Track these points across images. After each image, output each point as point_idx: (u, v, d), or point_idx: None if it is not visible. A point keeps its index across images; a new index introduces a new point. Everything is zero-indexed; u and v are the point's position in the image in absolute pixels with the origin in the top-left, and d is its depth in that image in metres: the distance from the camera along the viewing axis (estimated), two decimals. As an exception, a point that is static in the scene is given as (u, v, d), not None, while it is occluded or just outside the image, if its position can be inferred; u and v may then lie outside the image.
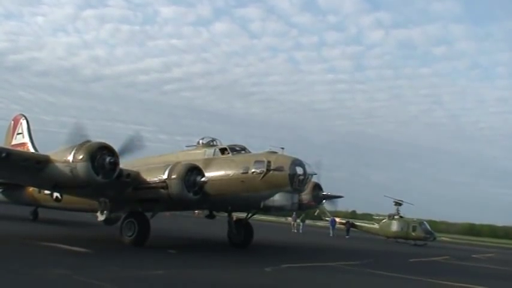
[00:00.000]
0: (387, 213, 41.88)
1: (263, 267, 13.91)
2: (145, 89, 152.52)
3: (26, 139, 25.43)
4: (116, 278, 10.19)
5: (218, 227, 22.32)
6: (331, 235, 41.01)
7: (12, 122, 26.74)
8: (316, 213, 42.62)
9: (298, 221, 43.00)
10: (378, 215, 43.46)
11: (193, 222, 37.69)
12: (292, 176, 16.59)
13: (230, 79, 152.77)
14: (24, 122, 26.07)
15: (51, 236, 17.55)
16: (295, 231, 41.77)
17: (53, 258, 12.42)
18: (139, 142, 16.31)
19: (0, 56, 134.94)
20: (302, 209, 23.57)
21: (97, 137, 15.41)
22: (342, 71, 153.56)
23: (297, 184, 16.74)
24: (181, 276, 11.55)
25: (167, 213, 30.50)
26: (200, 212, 27.26)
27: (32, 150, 24.02)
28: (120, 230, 16.90)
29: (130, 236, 16.53)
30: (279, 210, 18.70)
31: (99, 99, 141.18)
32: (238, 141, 19.13)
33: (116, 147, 15.33)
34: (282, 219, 60.54)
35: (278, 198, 16.76)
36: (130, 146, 15.91)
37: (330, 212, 45.65)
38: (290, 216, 45.74)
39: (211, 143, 19.05)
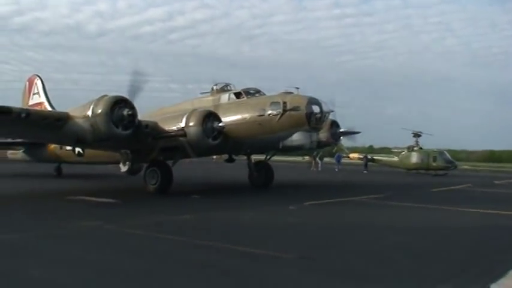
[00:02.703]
0: (404, 146, 41.76)
1: (287, 206, 14.18)
2: (151, 40, 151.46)
3: (43, 98, 25.59)
4: (146, 224, 10.47)
5: (238, 170, 22.59)
6: (336, 170, 41.58)
7: (27, 82, 26.86)
8: (334, 151, 42.67)
9: (317, 159, 43.21)
10: (396, 148, 43.19)
11: (213, 167, 38.09)
12: (309, 114, 16.67)
13: (234, 23, 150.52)
14: (39, 82, 26.17)
15: (77, 190, 17.90)
16: (314, 169, 42.04)
17: (83, 211, 12.77)
18: (142, 77, 15.76)
19: (5, 20, 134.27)
20: (320, 147, 23.68)
21: (110, 92, 15.42)
22: (348, 4, 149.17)
23: (314, 122, 16.85)
24: (209, 219, 11.82)
25: (187, 160, 30.85)
26: (219, 156, 27.52)
27: (49, 108, 24.22)
28: (144, 179, 17.22)
29: (154, 185, 16.85)
30: (298, 150, 18.88)
31: (107, 53, 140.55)
32: (249, 84, 19.12)
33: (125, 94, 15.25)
34: (299, 159, 60.86)
35: (296, 138, 16.90)
36: (137, 85, 15.52)
37: (348, 148, 45.85)
38: (308, 155, 46.00)
39: (226, 88, 19.02)
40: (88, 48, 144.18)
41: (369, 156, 44.52)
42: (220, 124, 16.38)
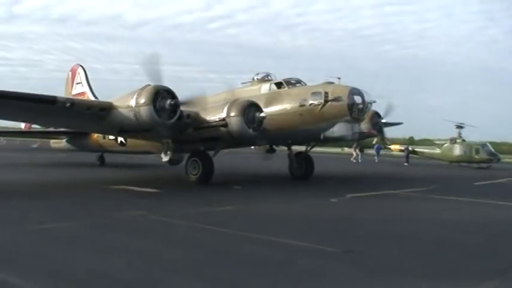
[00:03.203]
0: (444, 138, 41.05)
1: (329, 198, 14.08)
2: (190, 29, 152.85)
3: (85, 88, 25.98)
4: (190, 214, 10.56)
5: (278, 161, 22.52)
6: (376, 161, 41.55)
7: (70, 72, 27.31)
8: (374, 142, 42.17)
9: (357, 150, 42.75)
10: (439, 140, 42.40)
11: (252, 157, 37.97)
12: (351, 105, 16.47)
13: (273, 11, 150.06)
14: (81, 71, 26.57)
15: (121, 179, 18.15)
16: (354, 161, 41.61)
17: (127, 200, 12.91)
18: (157, 62, 15.28)
19: (47, 9, 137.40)
20: (362, 138, 23.39)
21: (149, 81, 15.42)
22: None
23: (356, 113, 16.63)
24: (252, 210, 11.85)
25: (226, 150, 30.88)
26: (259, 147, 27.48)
27: (92, 98, 24.58)
28: (186, 169, 17.34)
29: (195, 175, 16.96)
30: (340, 141, 18.76)
31: (146, 43, 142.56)
32: (287, 75, 18.95)
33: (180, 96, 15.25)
34: (338, 150, 60.33)
35: (338, 129, 16.73)
36: (155, 70, 15.14)
37: (388, 140, 45.14)
38: (347, 146, 45.58)
39: (266, 78, 18.95)
40: (127, 38, 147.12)
41: (411, 148, 43.76)
42: (261, 114, 16.31)
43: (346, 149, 53.67)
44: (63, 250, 7.12)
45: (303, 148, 21.35)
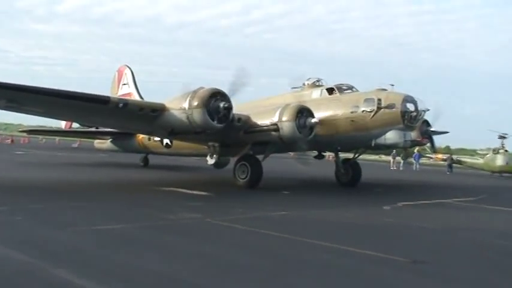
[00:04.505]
0: (489, 148, 40.53)
1: (381, 206, 13.85)
2: (227, 33, 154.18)
3: (132, 89, 26.19)
4: (246, 219, 10.42)
5: (321, 167, 22.24)
6: (414, 169, 41.20)
7: (117, 73, 27.59)
8: (416, 150, 41.68)
9: (397, 158, 42.28)
10: (481, 150, 41.85)
11: (292, 162, 37.69)
12: (404, 113, 16.18)
13: (311, 18, 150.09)
14: (128, 72, 26.81)
15: (168, 181, 18.18)
16: (395, 168, 41.12)
17: (178, 203, 12.83)
18: (244, 78, 15.67)
19: (85, 9, 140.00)
20: (412, 146, 22.99)
21: (186, 84, 15.40)
22: (427, 1, 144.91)
23: (409, 121, 16.33)
24: (307, 216, 11.68)
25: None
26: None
27: (138, 99, 24.72)
28: (234, 173, 17.19)
29: (243, 179, 16.80)
30: (391, 148, 18.43)
31: (183, 46, 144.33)
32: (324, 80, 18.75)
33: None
34: (375, 157, 59.58)
35: (390, 136, 16.48)
36: (238, 84, 15.50)
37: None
38: (385, 154, 45.20)
39: (317, 83, 18.75)
40: (165, 40, 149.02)
41: (455, 158, 43.06)
42: (313, 120, 16.10)
43: (384, 157, 53.15)
44: (126, 252, 6.97)
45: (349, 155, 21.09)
